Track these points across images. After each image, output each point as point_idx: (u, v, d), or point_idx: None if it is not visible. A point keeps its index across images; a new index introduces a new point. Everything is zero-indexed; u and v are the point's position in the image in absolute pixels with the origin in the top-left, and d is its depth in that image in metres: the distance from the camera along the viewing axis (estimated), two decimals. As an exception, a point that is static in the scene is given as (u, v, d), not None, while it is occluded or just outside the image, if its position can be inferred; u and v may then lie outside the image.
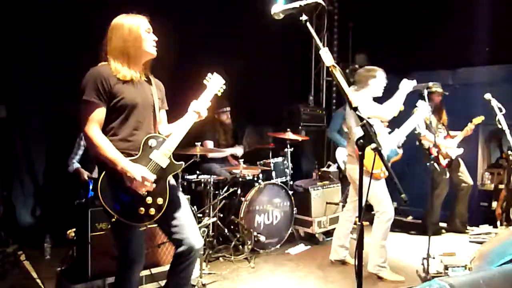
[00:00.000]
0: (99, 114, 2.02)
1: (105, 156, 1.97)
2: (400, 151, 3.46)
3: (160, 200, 2.08)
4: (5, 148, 3.98)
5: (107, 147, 1.98)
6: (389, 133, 3.56)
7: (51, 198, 4.25)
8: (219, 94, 2.35)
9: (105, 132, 2.05)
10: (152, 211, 2.06)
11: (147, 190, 2.03)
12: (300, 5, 1.76)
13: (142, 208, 2.03)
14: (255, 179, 4.35)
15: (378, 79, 3.38)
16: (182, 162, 2.21)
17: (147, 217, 2.06)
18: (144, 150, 2.09)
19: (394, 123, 3.59)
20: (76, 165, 4.10)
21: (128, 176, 1.97)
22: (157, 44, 2.19)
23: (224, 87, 2.36)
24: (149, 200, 2.05)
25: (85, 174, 4.05)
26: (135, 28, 2.10)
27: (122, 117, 2.08)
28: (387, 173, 3.24)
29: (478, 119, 4.62)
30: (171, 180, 2.22)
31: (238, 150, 4.85)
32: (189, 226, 2.19)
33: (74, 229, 3.43)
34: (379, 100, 3.46)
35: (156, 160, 2.09)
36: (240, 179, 4.27)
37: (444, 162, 4.63)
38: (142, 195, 2.02)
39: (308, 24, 1.73)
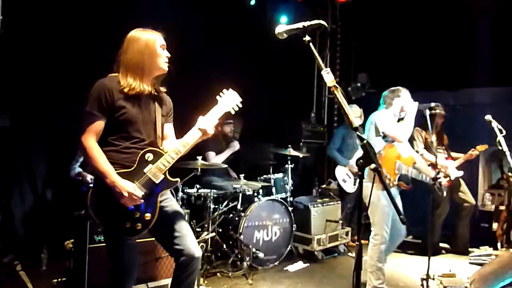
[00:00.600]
0: (98, 126, 2.06)
1: (97, 168, 2.00)
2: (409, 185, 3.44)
3: (148, 216, 2.08)
4: (7, 157, 3.99)
5: (99, 159, 2.00)
6: None
7: (50, 209, 4.25)
8: (233, 112, 2.29)
9: (103, 142, 2.08)
10: (139, 226, 2.06)
11: (135, 204, 2.03)
12: (304, 26, 1.79)
13: (128, 222, 2.04)
14: (255, 194, 4.35)
15: (402, 98, 3.41)
16: (178, 179, 2.20)
17: (134, 232, 2.06)
18: (140, 164, 2.09)
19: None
20: (78, 169, 4.09)
21: (116, 190, 1.98)
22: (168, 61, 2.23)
23: (240, 105, 2.30)
24: (137, 214, 2.05)
25: (88, 177, 4.03)
26: (152, 43, 2.14)
27: (121, 130, 2.10)
28: (395, 183, 3.25)
29: (482, 147, 4.62)
30: (166, 193, 2.23)
31: (235, 145, 4.83)
32: (188, 236, 2.18)
33: (71, 240, 3.42)
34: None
35: (150, 175, 2.08)
36: (240, 194, 4.26)
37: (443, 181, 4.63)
38: (129, 210, 2.03)
39: (311, 44, 1.76)
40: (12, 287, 3.39)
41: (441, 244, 4.96)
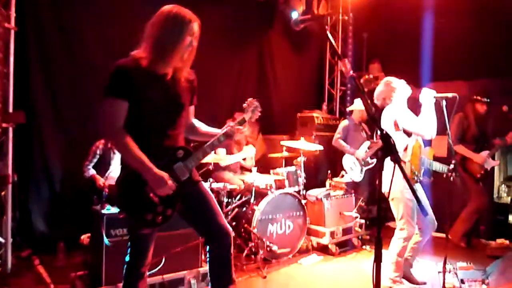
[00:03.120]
0: (123, 110, 1.95)
1: (130, 155, 1.94)
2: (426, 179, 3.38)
3: (169, 211, 2.08)
4: (23, 154, 4.04)
5: (132, 147, 1.93)
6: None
7: (66, 204, 4.30)
8: (253, 120, 2.29)
9: (131, 131, 1.98)
10: (160, 219, 2.06)
11: (165, 194, 2.01)
12: (318, 15, 1.77)
13: (150, 215, 2.04)
14: (268, 188, 4.34)
15: (398, 89, 3.31)
16: (201, 180, 2.21)
17: (154, 224, 2.07)
18: (170, 158, 2.06)
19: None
20: (92, 171, 4.17)
21: (152, 177, 1.93)
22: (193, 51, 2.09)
23: (259, 114, 2.30)
24: (159, 208, 2.05)
25: (100, 180, 4.10)
26: (182, 26, 1.98)
27: (144, 119, 2.01)
28: (421, 178, 3.19)
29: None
30: (196, 176, 2.22)
31: (249, 151, 4.83)
32: (222, 217, 2.21)
33: (88, 235, 3.47)
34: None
35: (177, 171, 2.06)
36: (253, 188, 4.26)
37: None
38: (154, 203, 2.02)
39: (328, 34, 1.73)
40: (30, 281, 3.45)
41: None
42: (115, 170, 4.21)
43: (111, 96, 1.95)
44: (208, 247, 2.23)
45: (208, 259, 2.23)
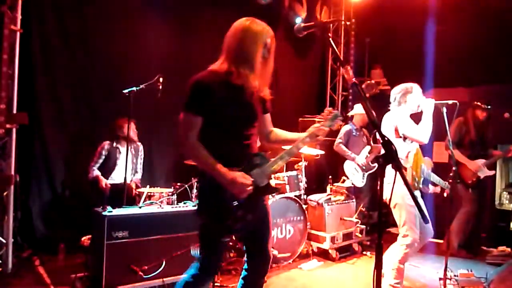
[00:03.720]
0: (198, 124, 2.00)
1: (204, 164, 1.99)
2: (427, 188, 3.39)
3: (249, 217, 2.06)
4: (26, 154, 4.05)
5: (205, 156, 1.97)
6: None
7: (67, 205, 4.32)
8: (334, 128, 2.27)
9: (205, 139, 2.01)
10: (238, 225, 2.04)
11: (243, 195, 1.99)
12: (321, 22, 1.79)
13: (230, 219, 2.02)
14: (269, 192, 4.34)
15: (415, 93, 3.33)
16: (279, 188, 2.21)
17: (231, 230, 2.07)
18: (248, 165, 2.06)
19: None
20: (97, 172, 4.18)
21: (227, 180, 1.95)
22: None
23: (340, 123, 2.32)
24: (240, 213, 2.02)
25: (103, 182, 4.11)
26: (261, 37, 2.06)
27: (222, 128, 2.04)
28: (420, 186, 3.20)
29: None
30: (265, 199, 2.23)
31: None
32: (271, 243, 2.25)
33: (88, 236, 3.48)
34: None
35: (255, 177, 2.05)
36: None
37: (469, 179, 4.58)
38: (232, 207, 2.01)
39: (331, 41, 1.75)
40: (30, 282, 3.45)
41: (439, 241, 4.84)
42: (119, 171, 4.23)
43: (190, 112, 2.00)
44: (246, 263, 2.25)
45: (242, 275, 2.25)
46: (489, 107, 4.61)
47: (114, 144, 4.29)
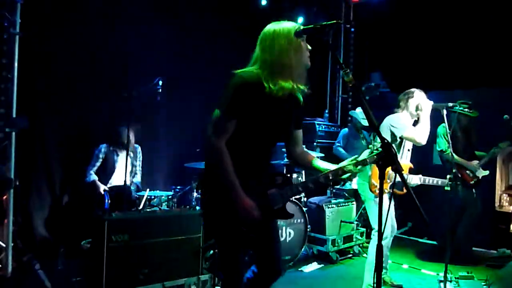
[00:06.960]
0: (232, 129, 1.88)
1: (224, 177, 1.85)
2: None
3: (256, 236, 1.97)
4: (26, 159, 4.05)
5: (229, 169, 1.84)
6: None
7: (67, 209, 4.31)
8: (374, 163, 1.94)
9: (232, 146, 1.89)
10: (249, 244, 2.01)
11: (249, 223, 1.89)
12: (321, 25, 1.79)
13: (239, 239, 1.95)
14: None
15: (416, 97, 3.39)
16: (293, 214, 2.10)
17: (244, 240, 1.97)
18: (267, 183, 1.97)
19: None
20: (94, 177, 4.17)
21: (239, 205, 1.84)
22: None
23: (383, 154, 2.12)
24: (248, 234, 1.93)
25: (101, 188, 4.09)
26: (293, 37, 1.90)
27: (250, 139, 1.94)
28: (390, 190, 3.23)
29: (504, 144, 4.54)
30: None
31: None
32: (280, 256, 2.21)
33: (88, 240, 3.47)
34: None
35: (272, 197, 1.95)
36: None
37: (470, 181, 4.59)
38: (245, 231, 1.92)
39: (331, 45, 1.75)
40: (30, 286, 3.45)
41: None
42: (118, 174, 4.22)
43: (229, 114, 1.87)
44: (256, 268, 2.17)
45: (248, 274, 2.18)
46: (471, 112, 4.59)
47: (111, 148, 4.28)
